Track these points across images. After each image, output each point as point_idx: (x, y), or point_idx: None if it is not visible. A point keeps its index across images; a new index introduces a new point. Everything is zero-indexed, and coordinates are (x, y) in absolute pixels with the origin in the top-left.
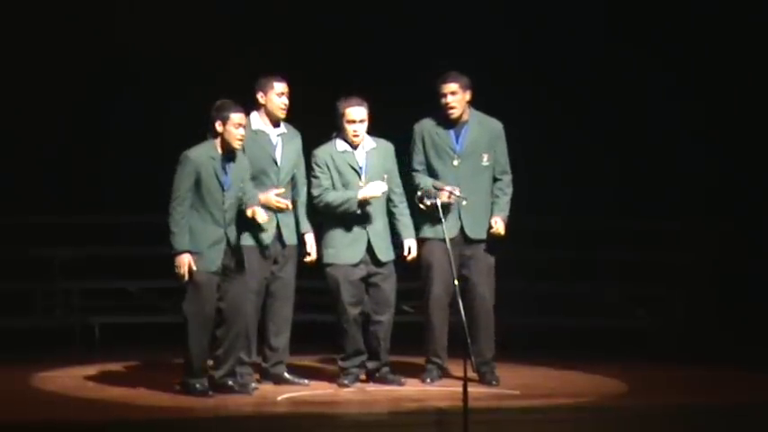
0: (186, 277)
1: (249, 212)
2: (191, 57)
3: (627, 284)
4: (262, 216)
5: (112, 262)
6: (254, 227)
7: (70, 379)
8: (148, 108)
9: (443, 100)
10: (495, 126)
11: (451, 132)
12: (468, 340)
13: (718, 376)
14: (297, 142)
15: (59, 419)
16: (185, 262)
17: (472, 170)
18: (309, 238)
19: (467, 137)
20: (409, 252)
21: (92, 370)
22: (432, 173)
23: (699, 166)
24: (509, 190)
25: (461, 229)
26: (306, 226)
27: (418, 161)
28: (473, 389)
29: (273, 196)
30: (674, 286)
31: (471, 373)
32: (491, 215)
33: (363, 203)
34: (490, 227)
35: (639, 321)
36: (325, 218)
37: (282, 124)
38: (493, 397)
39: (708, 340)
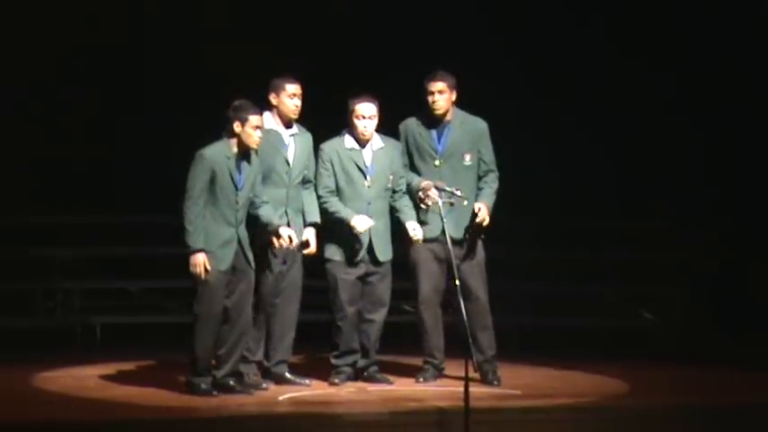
0: (203, 276)
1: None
2: (196, 57)
3: (627, 284)
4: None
5: (113, 262)
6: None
7: (71, 379)
8: (152, 108)
9: (430, 98)
10: (479, 126)
11: (433, 132)
12: (470, 340)
13: (717, 376)
14: (308, 143)
15: (60, 419)
16: (201, 261)
17: (454, 170)
18: (310, 232)
19: (448, 137)
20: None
21: (92, 370)
22: (415, 173)
23: (699, 165)
24: (494, 184)
25: (443, 229)
26: (312, 216)
27: (403, 162)
28: (474, 389)
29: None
30: (674, 286)
31: (473, 373)
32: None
33: (363, 205)
34: (474, 215)
35: (639, 321)
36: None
37: (294, 125)
38: (494, 397)
39: (707, 340)
